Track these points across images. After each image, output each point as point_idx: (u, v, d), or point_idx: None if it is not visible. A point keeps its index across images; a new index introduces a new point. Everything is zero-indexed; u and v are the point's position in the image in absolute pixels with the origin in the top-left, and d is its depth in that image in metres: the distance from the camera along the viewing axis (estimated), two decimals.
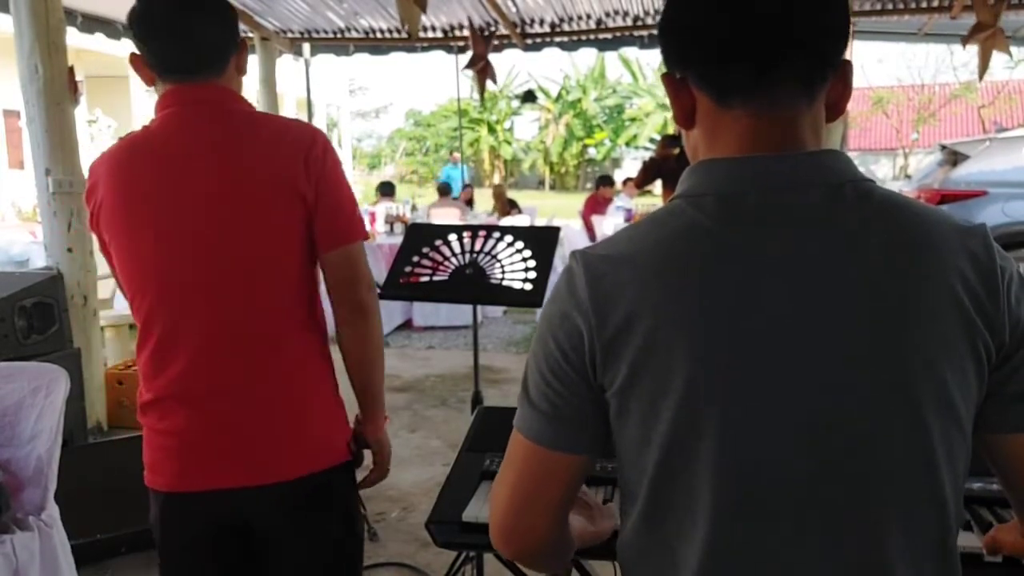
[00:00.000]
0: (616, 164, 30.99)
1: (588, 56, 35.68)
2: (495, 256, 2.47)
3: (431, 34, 7.61)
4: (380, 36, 7.67)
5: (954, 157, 7.18)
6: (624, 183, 10.00)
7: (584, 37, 7.42)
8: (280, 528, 1.46)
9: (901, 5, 6.59)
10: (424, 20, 6.83)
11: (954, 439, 0.80)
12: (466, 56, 7.15)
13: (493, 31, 6.96)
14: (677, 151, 5.63)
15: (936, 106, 25.42)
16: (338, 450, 1.50)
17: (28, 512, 2.06)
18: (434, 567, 2.82)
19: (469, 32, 6.72)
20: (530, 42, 7.43)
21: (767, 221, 0.80)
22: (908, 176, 14.41)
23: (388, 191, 8.93)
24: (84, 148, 4.53)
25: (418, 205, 10.51)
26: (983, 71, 5.97)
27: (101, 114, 17.19)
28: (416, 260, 2.50)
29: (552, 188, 32.70)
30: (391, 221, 7.92)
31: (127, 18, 1.44)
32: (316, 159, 1.41)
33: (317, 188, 1.41)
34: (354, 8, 6.83)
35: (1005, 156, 6.75)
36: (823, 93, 0.84)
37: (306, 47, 8.06)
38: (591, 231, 9.08)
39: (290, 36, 7.71)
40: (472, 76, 7.12)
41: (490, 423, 1.69)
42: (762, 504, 0.79)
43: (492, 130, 32.32)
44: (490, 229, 2.57)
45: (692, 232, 0.81)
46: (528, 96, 21.47)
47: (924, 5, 6.51)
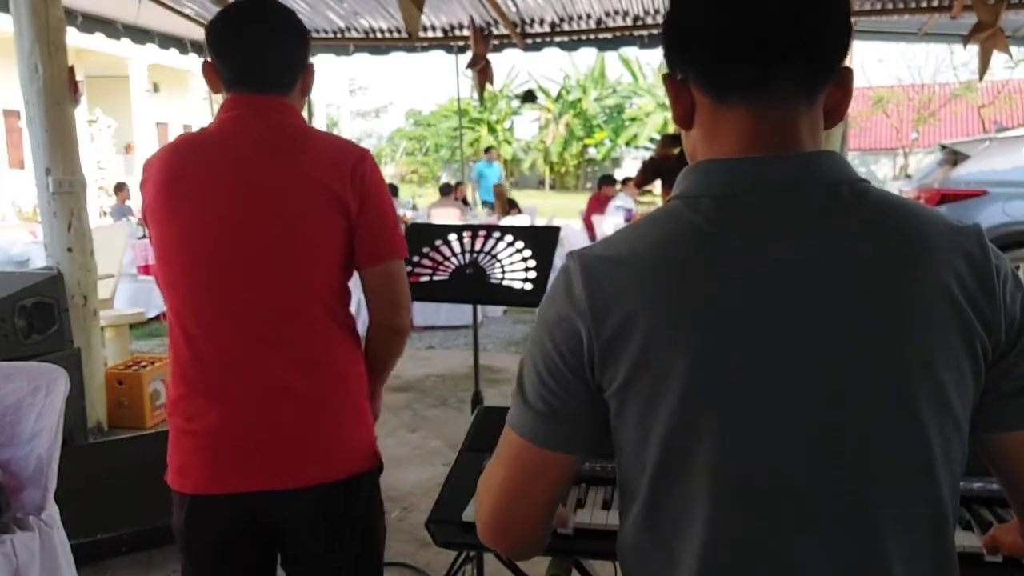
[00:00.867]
0: (616, 164, 30.97)
1: (588, 56, 35.73)
2: (495, 256, 2.47)
3: (431, 34, 7.60)
4: (380, 36, 7.67)
5: (954, 157, 7.18)
6: (623, 183, 9.99)
7: (584, 37, 7.41)
8: (307, 531, 1.48)
9: (901, 5, 6.59)
10: (424, 20, 6.83)
11: (951, 439, 0.81)
12: (466, 56, 7.15)
13: (493, 31, 6.96)
14: (677, 151, 5.63)
15: (936, 106, 25.42)
16: (366, 456, 1.53)
17: (28, 512, 2.05)
18: (434, 567, 2.82)
19: (470, 31, 6.72)
20: (530, 42, 7.42)
21: (763, 223, 0.81)
22: (908, 176, 14.41)
23: (391, 192, 8.97)
24: (84, 148, 4.52)
25: (418, 205, 10.52)
26: (983, 71, 5.97)
27: (101, 114, 17.21)
28: (416, 260, 2.50)
29: (552, 188, 32.69)
30: None
31: (206, 29, 1.50)
32: (362, 176, 1.45)
33: (362, 204, 1.45)
34: (354, 8, 6.83)
35: (1005, 156, 6.75)
36: (822, 96, 0.85)
37: None
38: (591, 231, 9.08)
39: None
40: (472, 76, 7.11)
41: (490, 423, 1.69)
42: (760, 505, 0.79)
43: (492, 130, 32.31)
44: (490, 229, 2.57)
45: (689, 234, 0.81)
46: (528, 96, 21.50)
47: (924, 5, 6.50)
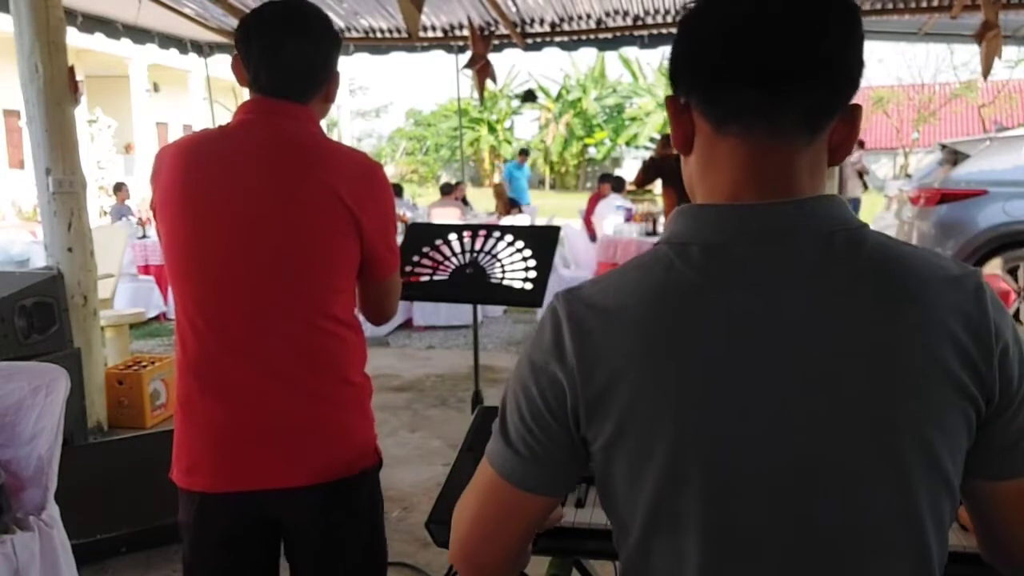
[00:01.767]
0: (616, 164, 30.96)
1: (588, 56, 35.63)
2: (495, 255, 2.47)
3: (431, 34, 7.60)
4: (380, 36, 7.67)
5: (954, 156, 7.17)
6: (613, 186, 9.96)
7: (584, 37, 7.41)
8: (311, 526, 1.49)
9: (901, 5, 6.59)
10: (424, 20, 6.83)
11: (941, 496, 0.80)
12: (466, 56, 7.15)
13: (493, 31, 6.95)
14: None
15: (936, 105, 25.43)
16: (370, 453, 1.55)
17: (28, 512, 2.06)
18: (434, 567, 2.83)
19: (469, 31, 6.71)
20: (530, 42, 7.42)
21: (754, 277, 0.78)
22: (908, 175, 14.40)
23: (396, 192, 9.00)
24: (84, 148, 4.53)
25: (418, 205, 10.52)
26: (988, 70, 5.95)
27: (101, 114, 17.19)
28: (416, 260, 2.50)
29: (552, 187, 32.67)
30: None
31: (237, 27, 1.50)
32: (374, 195, 1.47)
33: (374, 223, 1.47)
34: (354, 8, 6.82)
35: (1005, 155, 6.74)
36: (826, 132, 0.82)
37: None
38: (591, 230, 9.08)
39: None
40: (472, 76, 7.11)
41: (490, 423, 1.68)
42: (748, 561, 0.79)
43: (492, 130, 32.28)
44: (490, 228, 2.57)
45: (678, 288, 0.79)
46: (528, 96, 21.49)
47: (924, 5, 6.50)
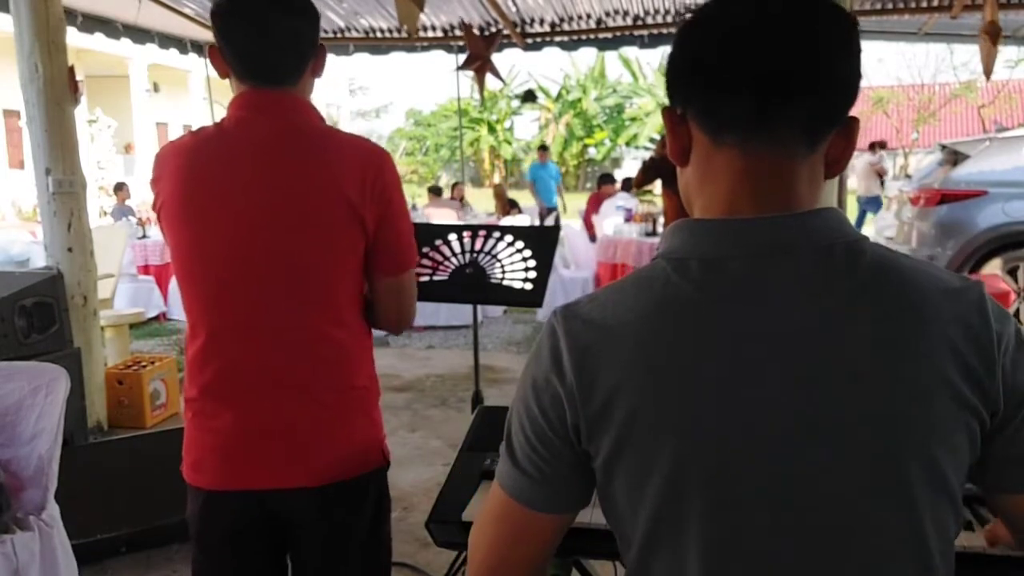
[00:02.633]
0: (616, 164, 30.96)
1: (588, 56, 35.61)
2: (495, 256, 2.47)
3: (431, 34, 7.60)
4: (380, 36, 7.67)
5: (954, 157, 7.17)
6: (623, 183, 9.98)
7: (584, 37, 7.41)
8: (316, 527, 1.50)
9: (901, 5, 6.59)
10: (424, 20, 6.84)
11: (945, 513, 0.79)
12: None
13: (496, 31, 6.95)
14: None
15: (936, 106, 25.42)
16: (376, 455, 1.54)
17: (28, 512, 2.05)
18: (434, 567, 2.83)
19: (463, 32, 6.71)
20: (530, 42, 7.42)
21: (754, 292, 0.78)
22: (908, 176, 14.39)
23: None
24: (84, 148, 4.53)
25: (417, 206, 10.53)
26: (989, 70, 5.95)
27: (101, 114, 17.19)
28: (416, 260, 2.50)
29: None
30: None
31: (212, 11, 1.45)
32: (382, 188, 1.43)
33: (380, 217, 1.44)
34: (354, 8, 6.82)
35: (1005, 156, 6.74)
36: (823, 144, 0.82)
37: None
38: (591, 231, 9.08)
39: None
40: (473, 75, 7.11)
41: (490, 423, 1.69)
42: (749, 575, 0.78)
43: (492, 130, 32.26)
44: (490, 229, 2.57)
45: (676, 304, 0.79)
46: (528, 96, 21.50)
47: (924, 5, 6.51)
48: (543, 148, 13.88)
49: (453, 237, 2.53)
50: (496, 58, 6.81)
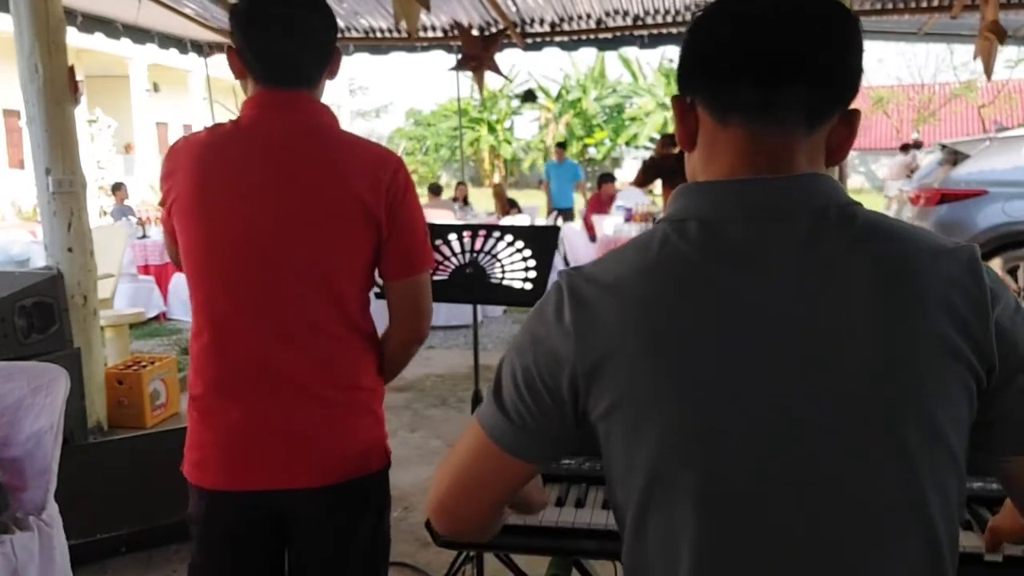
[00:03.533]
0: (616, 164, 30.96)
1: (588, 56, 35.57)
2: (495, 256, 2.47)
3: (431, 34, 7.60)
4: (380, 36, 7.67)
5: (954, 156, 7.18)
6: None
7: (584, 37, 7.41)
8: (317, 527, 1.50)
9: (901, 5, 6.59)
10: (424, 20, 6.83)
11: (946, 472, 0.79)
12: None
13: (496, 31, 6.95)
14: (677, 150, 5.62)
15: (936, 106, 25.41)
16: (379, 456, 1.54)
17: (28, 512, 2.05)
18: (434, 567, 2.83)
19: (459, 32, 6.70)
20: (530, 42, 7.42)
21: (750, 253, 0.81)
22: (908, 175, 14.39)
23: (435, 191, 9.13)
24: (84, 148, 4.52)
25: None
26: (990, 70, 5.95)
27: (101, 114, 17.19)
28: None
29: None
30: None
31: (231, 10, 1.44)
32: (396, 191, 1.44)
33: (393, 219, 1.44)
34: (354, 8, 6.82)
35: (1005, 155, 6.74)
36: (824, 129, 0.85)
37: None
38: (591, 231, 9.08)
39: None
40: (472, 75, 7.11)
41: None
42: (744, 539, 0.79)
43: (492, 130, 32.26)
44: (490, 228, 2.56)
45: (674, 263, 0.82)
46: (528, 96, 21.49)
47: (924, 5, 6.50)
48: (560, 145, 12.75)
49: (453, 237, 2.53)
50: (496, 58, 6.80)
